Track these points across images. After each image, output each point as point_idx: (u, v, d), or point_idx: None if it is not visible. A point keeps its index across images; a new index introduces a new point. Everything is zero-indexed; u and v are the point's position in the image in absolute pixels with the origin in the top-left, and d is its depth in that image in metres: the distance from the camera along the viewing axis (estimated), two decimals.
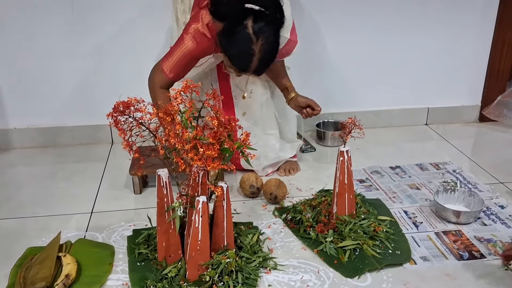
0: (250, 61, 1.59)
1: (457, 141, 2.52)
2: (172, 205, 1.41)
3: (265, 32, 1.56)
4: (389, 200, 1.91)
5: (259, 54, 1.57)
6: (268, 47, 1.58)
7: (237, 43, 1.57)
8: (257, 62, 1.60)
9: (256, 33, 1.55)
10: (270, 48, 1.60)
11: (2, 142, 2.40)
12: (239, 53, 1.59)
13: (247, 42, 1.55)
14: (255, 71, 1.65)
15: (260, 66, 1.62)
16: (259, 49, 1.57)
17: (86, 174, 2.15)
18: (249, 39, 1.55)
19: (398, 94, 2.67)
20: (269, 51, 1.60)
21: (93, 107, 2.40)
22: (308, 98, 1.92)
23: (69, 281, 1.39)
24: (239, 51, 1.58)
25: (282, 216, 1.79)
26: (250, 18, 1.55)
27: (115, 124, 1.32)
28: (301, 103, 1.91)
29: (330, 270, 1.50)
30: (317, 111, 1.90)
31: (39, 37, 2.25)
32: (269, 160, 2.09)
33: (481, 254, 1.58)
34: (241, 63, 1.62)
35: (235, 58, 1.62)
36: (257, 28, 1.55)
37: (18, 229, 1.73)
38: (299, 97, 1.92)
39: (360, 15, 2.45)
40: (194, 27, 1.70)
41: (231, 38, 1.58)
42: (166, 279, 1.41)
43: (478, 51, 2.64)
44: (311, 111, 1.91)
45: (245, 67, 1.62)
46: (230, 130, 1.36)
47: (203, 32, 1.69)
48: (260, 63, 1.61)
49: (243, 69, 1.64)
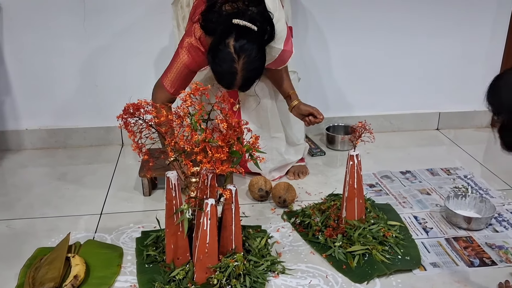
0: (233, 79, 1.58)
1: (468, 146, 2.49)
2: (181, 207, 1.41)
3: (246, 50, 1.54)
4: (399, 205, 1.90)
5: (241, 72, 1.56)
6: (250, 65, 1.56)
7: (219, 61, 1.57)
8: (240, 80, 1.59)
9: (238, 51, 1.53)
10: (253, 66, 1.58)
11: (14, 143, 2.43)
12: (222, 72, 1.59)
13: (228, 61, 1.55)
14: (240, 88, 1.64)
15: (244, 83, 1.61)
16: (241, 67, 1.55)
17: (96, 176, 2.16)
18: (230, 59, 1.54)
19: (409, 98, 2.65)
20: (252, 69, 1.58)
21: (104, 109, 2.41)
22: (311, 106, 1.88)
23: (77, 282, 1.40)
24: (222, 69, 1.58)
25: (290, 220, 1.78)
26: (232, 36, 1.53)
27: (125, 126, 1.33)
28: (303, 111, 1.88)
29: (339, 275, 1.49)
30: (319, 119, 1.86)
31: (51, 38, 2.27)
32: (275, 163, 2.09)
33: (492, 261, 1.56)
34: (225, 81, 1.62)
35: (219, 76, 1.62)
36: (239, 46, 1.53)
37: (28, 230, 1.74)
38: (302, 105, 1.89)
39: (371, 19, 2.44)
40: (187, 41, 1.71)
41: (214, 56, 1.58)
42: (174, 281, 1.41)
43: (490, 55, 2.61)
44: (314, 119, 1.87)
45: (229, 84, 1.62)
46: (239, 133, 1.35)
47: (196, 46, 1.69)
48: (244, 80, 1.60)
49: (228, 87, 1.64)
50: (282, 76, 1.91)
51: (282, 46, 1.74)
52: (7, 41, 2.25)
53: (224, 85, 1.64)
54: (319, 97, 2.54)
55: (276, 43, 1.70)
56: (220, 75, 1.61)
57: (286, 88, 1.92)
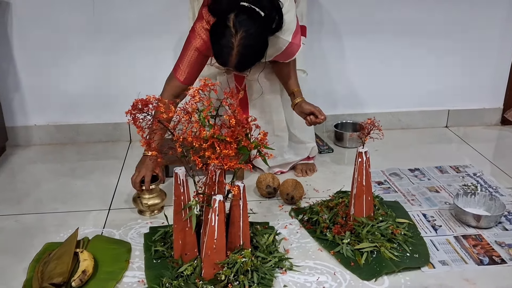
0: (229, 55, 1.56)
1: (478, 144, 2.48)
2: (189, 203, 1.41)
3: (245, 26, 1.52)
4: (408, 203, 1.89)
5: (238, 47, 1.54)
6: (247, 42, 1.54)
7: (218, 36, 1.56)
8: (236, 56, 1.56)
9: (236, 26, 1.52)
10: (250, 42, 1.55)
11: (23, 139, 2.44)
12: (219, 47, 1.57)
13: (227, 35, 1.53)
14: (236, 66, 1.60)
15: (240, 60, 1.57)
16: (238, 42, 1.53)
17: (104, 172, 2.16)
18: (228, 33, 1.53)
19: (418, 96, 2.64)
20: (248, 45, 1.55)
21: (112, 105, 2.42)
22: (313, 106, 1.86)
23: (85, 277, 1.40)
24: (220, 44, 1.56)
25: (298, 217, 1.78)
26: (233, 12, 1.53)
27: (133, 122, 1.33)
28: (305, 110, 1.86)
29: (347, 272, 1.49)
30: (320, 119, 1.83)
31: (60, 34, 2.28)
32: (275, 162, 2.10)
33: (502, 260, 1.55)
34: (220, 57, 1.60)
35: (216, 52, 1.60)
36: (238, 21, 1.52)
37: (37, 225, 1.75)
38: (304, 103, 1.87)
39: (381, 16, 2.43)
40: (199, 26, 1.70)
41: (214, 32, 1.58)
42: (181, 277, 1.41)
43: (501, 52, 2.59)
44: (315, 118, 1.84)
45: (225, 61, 1.59)
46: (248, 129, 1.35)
47: (207, 28, 1.68)
48: (240, 57, 1.56)
49: (223, 63, 1.61)
50: (289, 72, 1.90)
51: (290, 39, 1.73)
52: (16, 37, 2.26)
53: (220, 62, 1.62)
54: (327, 94, 2.53)
55: (283, 34, 1.69)
56: (216, 52, 1.60)
57: (291, 85, 1.91)
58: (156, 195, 1.78)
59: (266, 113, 2.03)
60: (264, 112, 2.03)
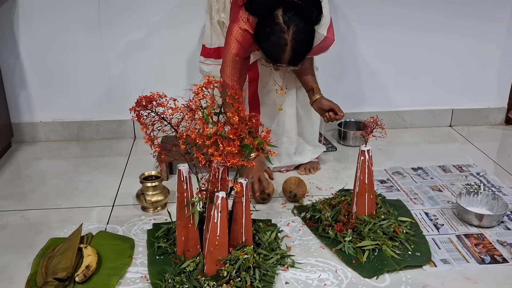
0: (283, 52, 1.59)
1: (481, 143, 2.47)
2: (192, 200, 1.42)
3: (295, 20, 1.55)
4: (410, 202, 1.89)
5: (291, 43, 1.57)
6: (300, 36, 1.57)
7: (268, 34, 1.58)
8: (290, 52, 1.59)
9: (287, 22, 1.55)
10: (302, 37, 1.58)
11: (28, 135, 2.46)
12: (271, 44, 1.59)
13: (278, 32, 1.55)
14: (290, 62, 1.63)
15: (294, 55, 1.61)
16: (291, 38, 1.56)
17: (109, 168, 2.18)
18: (280, 30, 1.55)
19: (421, 95, 2.64)
20: (301, 40, 1.58)
21: (117, 102, 2.43)
22: (333, 102, 1.88)
23: (89, 272, 1.42)
24: (271, 42, 1.58)
25: (301, 215, 1.78)
26: (280, 9, 1.55)
27: (137, 118, 1.34)
28: (324, 106, 1.88)
29: (348, 269, 1.49)
30: (340, 116, 1.85)
31: (65, 32, 2.29)
32: (282, 163, 2.11)
33: (504, 259, 1.55)
34: (274, 54, 1.62)
35: (268, 50, 1.62)
36: (287, 18, 1.55)
37: (41, 220, 1.76)
38: (323, 100, 1.88)
39: (384, 14, 2.43)
40: (236, 28, 1.70)
41: (262, 30, 1.59)
42: (184, 273, 1.42)
43: (505, 51, 2.58)
44: (334, 115, 1.86)
45: (278, 58, 1.61)
46: (251, 127, 1.36)
47: (245, 28, 1.69)
48: (294, 52, 1.59)
49: (277, 60, 1.63)
50: (308, 69, 1.91)
51: (325, 33, 1.74)
52: (22, 35, 2.28)
53: (273, 59, 1.63)
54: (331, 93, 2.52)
55: (319, 28, 1.71)
56: (268, 49, 1.61)
57: (310, 81, 1.91)
58: (160, 191, 1.79)
59: (278, 114, 2.03)
60: (275, 113, 2.03)
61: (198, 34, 2.32)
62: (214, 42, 2.01)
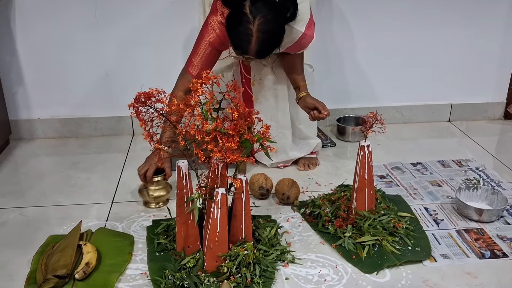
0: (248, 42, 1.57)
1: (480, 138, 2.47)
2: (191, 196, 1.42)
3: (262, 12, 1.54)
4: (410, 197, 1.89)
5: (257, 33, 1.55)
6: (266, 27, 1.55)
7: (235, 24, 1.57)
8: (255, 43, 1.57)
9: (253, 12, 1.54)
10: (269, 28, 1.56)
11: (26, 132, 2.45)
12: (238, 35, 1.58)
13: (244, 22, 1.54)
14: (256, 54, 1.61)
15: (261, 47, 1.59)
16: (257, 28, 1.54)
17: (107, 165, 2.17)
18: (246, 20, 1.54)
19: (421, 90, 2.63)
20: (267, 31, 1.56)
21: (115, 99, 2.43)
22: (318, 101, 1.85)
23: (89, 269, 1.41)
24: (238, 32, 1.57)
25: (300, 210, 1.78)
26: (248, 1, 1.55)
27: (136, 115, 1.33)
28: (309, 104, 1.86)
29: (348, 265, 1.49)
30: (323, 115, 1.82)
31: (63, 28, 2.28)
32: (278, 159, 2.10)
33: (504, 253, 1.55)
34: (240, 45, 1.60)
35: (235, 40, 1.60)
36: (254, 9, 1.54)
37: (40, 217, 1.76)
38: (308, 98, 1.87)
39: (383, 9, 2.42)
40: (212, 19, 1.70)
41: (231, 20, 1.59)
42: (184, 269, 1.41)
43: (504, 46, 2.58)
44: (318, 114, 1.83)
45: (245, 48, 1.59)
46: (250, 123, 1.35)
47: (221, 21, 1.69)
48: (260, 44, 1.57)
49: (244, 51, 1.61)
50: (296, 65, 1.90)
51: (303, 29, 1.73)
52: (19, 31, 2.27)
53: (240, 50, 1.62)
54: (330, 88, 2.52)
55: (297, 25, 1.69)
56: (235, 40, 1.60)
57: (298, 78, 1.91)
58: (162, 187, 1.79)
59: (272, 109, 2.03)
60: (269, 108, 2.03)
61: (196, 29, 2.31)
62: None
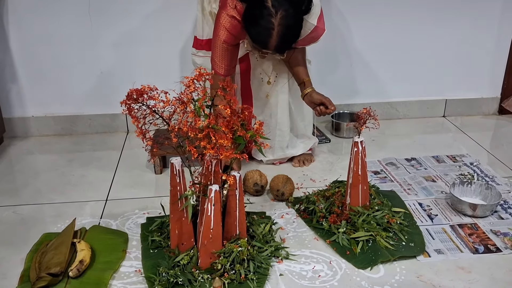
0: (269, 36, 1.57)
1: (475, 133, 2.48)
2: (185, 193, 1.42)
3: (284, 5, 1.54)
4: (404, 192, 1.89)
5: (278, 27, 1.55)
6: (287, 21, 1.56)
7: (256, 18, 1.57)
8: (276, 37, 1.57)
9: (275, 6, 1.54)
10: (290, 22, 1.57)
11: (21, 130, 2.44)
12: (258, 28, 1.58)
13: (266, 16, 1.54)
14: (276, 48, 1.62)
15: (281, 42, 1.59)
16: (278, 22, 1.55)
17: (102, 162, 2.17)
18: (268, 13, 1.54)
19: (415, 85, 2.64)
20: (289, 25, 1.57)
21: (109, 96, 2.42)
22: (324, 96, 1.86)
23: (83, 267, 1.41)
24: (259, 25, 1.57)
25: (295, 207, 1.78)
26: None
27: (128, 112, 1.33)
28: (315, 100, 1.86)
29: (343, 261, 1.50)
30: (330, 110, 1.84)
31: (56, 26, 2.27)
32: (275, 156, 2.10)
33: (497, 248, 1.55)
34: (260, 39, 1.60)
35: (255, 34, 1.60)
36: (277, 2, 1.54)
37: (34, 215, 1.75)
38: (314, 93, 1.87)
39: (377, 6, 2.42)
40: (223, 14, 1.70)
41: (250, 13, 1.58)
42: (178, 266, 1.41)
43: (498, 41, 2.58)
44: (325, 109, 1.85)
45: (265, 42, 1.60)
46: (243, 119, 1.35)
47: (232, 15, 1.68)
48: (280, 38, 1.58)
49: (263, 45, 1.61)
50: (300, 61, 1.90)
51: (315, 22, 1.73)
52: (13, 29, 2.25)
53: (259, 44, 1.62)
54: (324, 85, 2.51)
55: (310, 18, 1.69)
56: (255, 33, 1.60)
57: (302, 74, 1.90)
58: None
59: (271, 106, 2.02)
60: (268, 105, 2.02)
61: (191, 26, 2.31)
62: (205, 34, 1.99)
